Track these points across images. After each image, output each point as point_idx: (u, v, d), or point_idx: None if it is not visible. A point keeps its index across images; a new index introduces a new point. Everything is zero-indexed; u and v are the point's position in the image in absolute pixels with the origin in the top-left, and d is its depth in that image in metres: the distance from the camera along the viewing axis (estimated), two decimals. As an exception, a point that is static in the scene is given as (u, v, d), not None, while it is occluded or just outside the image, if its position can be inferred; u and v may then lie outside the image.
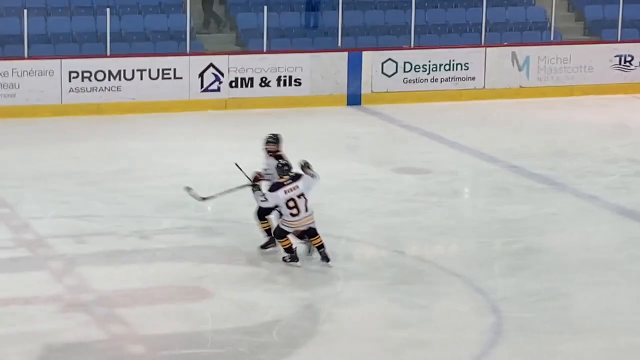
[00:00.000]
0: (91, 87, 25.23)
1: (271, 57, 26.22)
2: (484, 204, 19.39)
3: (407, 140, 23.67)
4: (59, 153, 21.84)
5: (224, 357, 12.00)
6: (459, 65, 26.98)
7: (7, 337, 12.13)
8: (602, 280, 14.68)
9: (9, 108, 24.73)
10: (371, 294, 14.17)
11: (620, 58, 27.76)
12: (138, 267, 15.25)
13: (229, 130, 23.00)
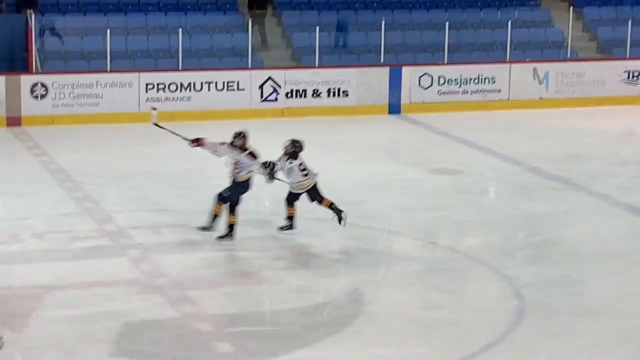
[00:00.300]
0: (165, 97, 25.38)
1: (322, 71, 26.27)
2: (508, 202, 19.28)
3: (441, 145, 23.57)
4: (137, 155, 22.12)
5: (280, 335, 12.13)
6: (487, 79, 26.91)
7: (92, 316, 12.47)
8: (613, 268, 14.66)
9: (94, 115, 24.98)
10: (409, 280, 14.42)
11: (629, 73, 27.73)
12: (206, 255, 15.43)
13: (286, 135, 23.05)
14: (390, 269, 14.92)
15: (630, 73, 27.79)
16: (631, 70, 27.83)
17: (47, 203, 17.97)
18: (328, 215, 16.23)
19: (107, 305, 12.89)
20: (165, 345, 11.71)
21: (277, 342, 11.84)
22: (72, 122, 24.32)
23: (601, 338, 11.77)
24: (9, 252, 15.39)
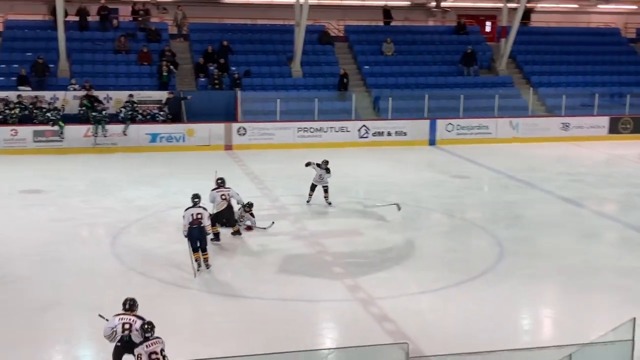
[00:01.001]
0: (307, 135, 26.39)
1: (393, 122, 27.20)
2: (494, 194, 19.91)
3: (457, 162, 23.96)
4: (296, 166, 20.90)
5: (368, 264, 13.18)
6: (484, 126, 27.85)
7: (264, 251, 13.89)
8: (553, 231, 15.50)
9: (268, 144, 25.69)
10: (438, 235, 15.67)
11: (564, 125, 28.56)
12: (336, 220, 16.52)
13: (371, 157, 24.28)
14: (428, 229, 16.15)
15: (564, 124, 28.53)
16: (565, 123, 28.55)
17: (244, 191, 17.02)
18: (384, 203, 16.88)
19: (275, 246, 14.12)
20: (306, 267, 12.98)
21: (366, 267, 13.07)
22: (258, 149, 24.87)
23: (546, 269, 12.86)
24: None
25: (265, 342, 9.27)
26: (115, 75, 27.64)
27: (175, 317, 10.60)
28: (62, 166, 22.03)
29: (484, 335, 9.61)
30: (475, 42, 32.70)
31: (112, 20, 29.83)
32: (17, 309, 10.83)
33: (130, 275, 12.47)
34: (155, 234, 15.07)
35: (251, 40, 30.78)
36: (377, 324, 10.21)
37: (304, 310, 10.81)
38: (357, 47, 31.50)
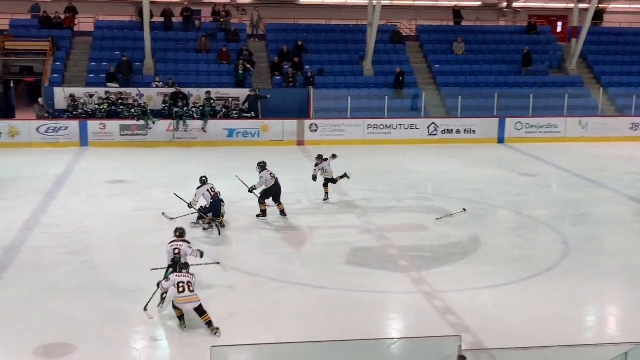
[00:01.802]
0: (375, 132, 26.33)
1: (462, 120, 27.00)
2: (562, 192, 19.53)
3: (525, 160, 23.66)
4: (365, 162, 22.22)
5: (433, 258, 13.13)
6: (553, 125, 27.45)
7: (332, 243, 13.77)
8: (620, 229, 15.26)
9: (338, 140, 25.41)
10: (504, 232, 15.47)
11: (633, 124, 28.09)
12: (402, 215, 16.39)
13: (441, 153, 24.29)
14: (494, 226, 15.83)
15: (634, 124, 28.02)
16: (635, 123, 28.03)
17: (314, 184, 17.67)
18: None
19: (343, 238, 14.10)
20: (372, 259, 12.95)
21: (430, 261, 12.99)
22: (328, 144, 23.73)
23: (610, 267, 12.56)
24: (297, 207, 16.65)
25: (330, 330, 9.26)
26: (196, 73, 28.19)
27: (246, 303, 10.79)
28: (145, 159, 22.59)
29: (545, 331, 9.49)
30: (546, 42, 32.46)
31: (195, 21, 30.58)
32: (102, 291, 11.18)
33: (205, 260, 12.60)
34: (229, 224, 15.22)
35: (325, 40, 31.02)
36: (440, 316, 10.11)
37: (369, 301, 10.75)
38: (427, 46, 31.42)
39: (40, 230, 14.33)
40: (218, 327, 9.47)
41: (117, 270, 12.30)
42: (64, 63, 27.87)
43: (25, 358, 8.58)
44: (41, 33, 28.42)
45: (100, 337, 9.33)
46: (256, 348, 6.53)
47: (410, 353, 6.70)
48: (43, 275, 11.75)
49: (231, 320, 10.04)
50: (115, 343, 9.37)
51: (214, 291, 11.25)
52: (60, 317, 9.94)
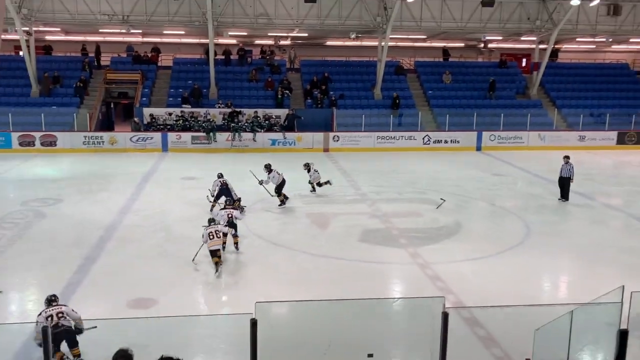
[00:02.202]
0: (389, 140, 26.21)
1: (449, 132, 26.63)
2: (524, 187, 18.57)
3: (497, 163, 23.03)
4: (375, 164, 22.12)
5: (427, 237, 12.79)
6: (519, 137, 26.87)
7: (349, 225, 13.54)
8: (573, 216, 15.00)
9: (353, 149, 25.34)
10: (481, 218, 15.28)
11: (581, 137, 27.57)
12: (403, 204, 16.02)
13: (433, 158, 23.53)
14: (473, 213, 15.61)
15: (581, 137, 27.45)
16: (581, 135, 27.48)
17: (336, 182, 17.77)
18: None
19: (357, 222, 13.84)
20: (379, 238, 12.78)
21: (424, 240, 12.77)
22: (347, 151, 24.67)
23: (562, 246, 12.29)
24: (323, 198, 16.40)
25: (347, 291, 9.24)
26: (248, 97, 28.21)
27: (282, 269, 10.84)
28: (210, 161, 22.54)
29: (512, 294, 9.42)
30: (513, 73, 32.16)
31: (247, 58, 30.81)
32: (175, 260, 11.25)
33: (254, 239, 12.66)
34: (271, 210, 15.29)
35: (345, 72, 30.88)
36: (431, 282, 10.05)
37: (376, 270, 10.71)
38: (423, 77, 31.23)
39: (132, 213, 14.51)
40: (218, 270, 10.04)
41: (188, 243, 12.32)
42: (150, 89, 28.23)
43: (121, 308, 8.70)
44: (134, 67, 28.87)
45: (176, 294, 9.45)
46: (292, 304, 6.52)
47: (407, 310, 6.62)
48: (134, 246, 11.89)
49: (273, 283, 10.10)
50: (187, 298, 9.47)
51: (259, 261, 11.29)
52: (147, 278, 10.10)
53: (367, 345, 4.76)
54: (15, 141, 24.09)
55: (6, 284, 9.76)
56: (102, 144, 24.55)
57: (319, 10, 26.84)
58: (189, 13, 26.27)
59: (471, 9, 27.73)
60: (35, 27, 26.46)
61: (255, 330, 4.34)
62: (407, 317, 6.07)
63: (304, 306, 5.75)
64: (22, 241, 12.19)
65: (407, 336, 5.77)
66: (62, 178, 19.00)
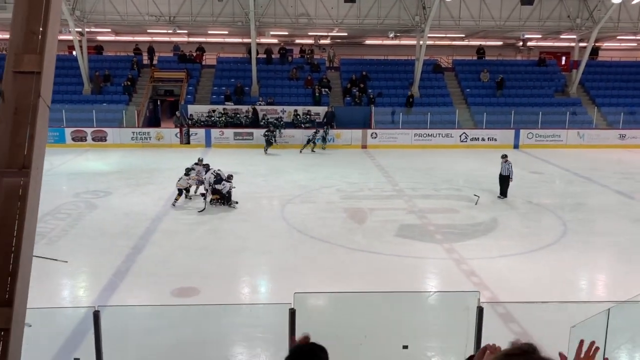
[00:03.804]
0: (423, 139, 26.37)
1: (486, 130, 26.27)
2: (562, 185, 18.51)
3: (534, 161, 22.52)
4: (411, 161, 21.97)
5: (463, 233, 12.63)
6: (557, 135, 26.30)
7: (386, 220, 13.52)
8: (610, 216, 14.36)
9: (393, 145, 25.16)
10: (518, 216, 14.70)
11: (621, 135, 26.92)
12: (439, 201, 15.80)
13: (469, 156, 23.39)
14: (510, 211, 15.08)
15: (621, 135, 26.74)
16: (621, 134, 26.78)
17: (373, 177, 18.37)
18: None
19: (394, 217, 13.90)
20: (415, 233, 12.70)
21: (459, 236, 12.69)
22: (385, 148, 24.51)
23: (600, 244, 12.18)
24: (360, 194, 16.40)
25: (383, 284, 9.24)
26: (288, 95, 28.39)
27: (320, 262, 10.89)
28: (251, 156, 22.83)
29: (548, 291, 9.22)
30: (552, 72, 31.35)
31: (288, 57, 30.87)
32: (220, 251, 11.47)
33: (292, 232, 12.80)
34: (310, 205, 15.35)
35: (383, 71, 30.69)
36: (466, 277, 9.92)
37: (412, 264, 10.66)
38: (461, 75, 30.78)
39: (176, 206, 14.69)
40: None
41: (230, 235, 12.62)
42: (195, 87, 28.65)
43: (165, 297, 8.89)
44: (179, 66, 29.41)
45: (218, 284, 9.70)
46: (329, 295, 6.53)
47: (442, 304, 6.50)
48: (178, 237, 12.16)
49: (311, 275, 10.17)
50: (228, 288, 9.59)
51: (298, 254, 11.36)
52: (190, 268, 10.28)
53: (402, 338, 4.74)
54: (69, 136, 24.84)
55: (59, 272, 10.07)
56: (149, 139, 25.07)
57: (358, 10, 26.77)
58: (232, 14, 26.54)
59: (510, 7, 27.23)
60: (88, 28, 27.21)
61: (294, 320, 4.38)
62: (442, 310, 6.04)
63: (341, 298, 5.75)
64: (74, 231, 12.56)
65: (441, 329, 5.72)
66: (111, 172, 19.54)
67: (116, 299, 8.75)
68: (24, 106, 2.20)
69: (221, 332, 6.22)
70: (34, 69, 2.21)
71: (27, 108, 2.19)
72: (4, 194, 2.08)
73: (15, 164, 2.09)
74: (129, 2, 26.09)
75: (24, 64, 2.21)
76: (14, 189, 2.08)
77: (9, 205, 2.07)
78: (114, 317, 6.16)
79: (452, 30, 28.37)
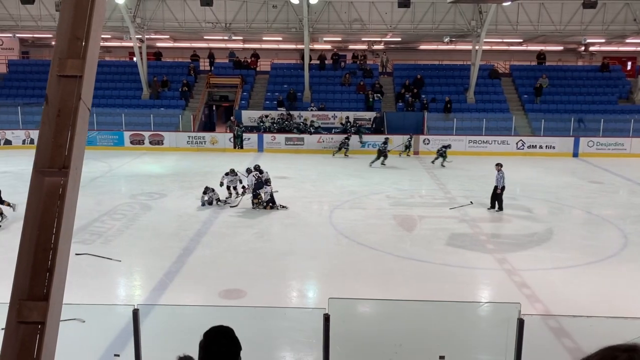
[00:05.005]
0: (478, 146, 26.33)
1: (544, 138, 25.65)
2: (624, 197, 17.82)
3: (594, 170, 21.98)
4: (465, 168, 21.45)
5: (514, 244, 12.30)
6: (620, 144, 25.50)
7: (436, 229, 13.12)
8: None
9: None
10: (573, 227, 14.32)
11: None
12: (485, 210, 15.02)
13: (526, 163, 22.85)
14: (566, 221, 14.77)
15: None
16: None
17: (426, 184, 18.24)
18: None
19: (444, 226, 13.61)
20: (466, 242, 12.37)
21: (512, 246, 12.31)
22: (434, 155, 23.18)
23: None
24: (411, 201, 16.31)
25: (429, 293, 9.11)
26: (340, 100, 28.55)
27: (367, 269, 10.82)
28: (301, 161, 23.07)
29: (604, 306, 8.83)
30: (616, 77, 30.17)
31: (341, 62, 30.99)
32: (267, 254, 11.57)
33: (340, 238, 12.77)
34: (359, 211, 15.28)
35: (437, 76, 30.38)
36: (517, 289, 9.62)
37: (461, 274, 10.43)
38: (518, 81, 30.09)
39: (226, 209, 15.00)
40: None
41: (278, 239, 12.76)
42: (249, 93, 29.20)
43: (213, 297, 9.03)
44: (234, 72, 30.13)
45: (263, 286, 9.75)
46: (367, 301, 6.45)
47: (483, 315, 6.31)
48: (227, 240, 12.44)
49: (357, 281, 10.11)
50: (274, 291, 9.65)
51: (345, 260, 11.33)
52: (238, 270, 10.48)
53: (440, 348, 4.64)
54: (127, 140, 25.78)
55: (114, 270, 10.43)
56: (204, 143, 25.68)
57: (412, 15, 26.65)
58: (287, 20, 26.89)
59: (571, 11, 26.44)
60: (147, 35, 28.12)
61: (328, 325, 4.36)
62: (483, 321, 5.86)
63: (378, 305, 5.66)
64: (129, 231, 12.98)
65: (482, 341, 5.56)
66: (166, 174, 20.13)
67: (165, 299, 8.94)
68: (67, 109, 2.28)
69: (263, 335, 6.26)
70: (77, 72, 2.29)
71: (70, 111, 2.27)
72: (45, 192, 2.17)
73: (56, 164, 2.17)
74: (187, 10, 26.85)
75: (68, 68, 2.30)
76: (55, 188, 2.17)
77: (50, 203, 2.16)
78: (159, 316, 6.29)
79: (509, 35, 27.85)
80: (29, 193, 2.15)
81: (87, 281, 9.66)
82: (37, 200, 2.17)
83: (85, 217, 13.64)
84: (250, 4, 26.59)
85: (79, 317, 5.51)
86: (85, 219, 13.51)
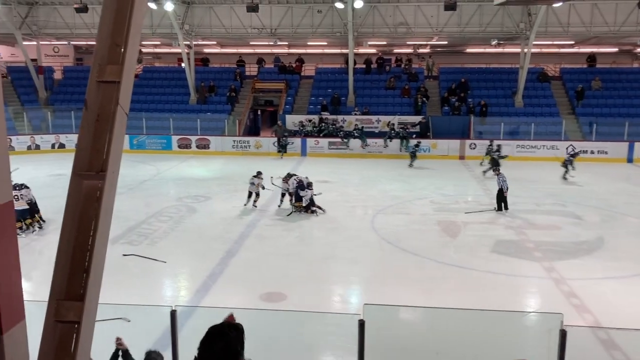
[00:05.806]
0: (526, 151, 25.46)
1: (596, 142, 24.95)
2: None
3: None
4: (511, 173, 21.82)
5: (564, 250, 12.03)
6: None
7: (481, 235, 12.76)
8: None
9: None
10: (626, 235, 13.44)
11: None
12: (541, 216, 14.71)
13: (577, 170, 21.33)
14: (619, 229, 13.91)
15: None
16: None
17: (469, 189, 17.88)
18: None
19: (490, 232, 13.29)
20: (512, 250, 12.00)
21: (561, 254, 11.90)
22: (485, 159, 22.40)
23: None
24: (455, 206, 15.83)
25: (472, 301, 8.90)
26: (384, 104, 28.41)
27: (408, 275, 10.71)
28: (344, 166, 23.05)
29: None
30: (675, 80, 28.64)
31: (386, 66, 30.92)
32: (308, 258, 11.64)
33: (382, 243, 12.69)
34: (402, 216, 15.15)
35: (485, 80, 29.89)
36: (565, 298, 9.35)
37: (507, 282, 10.20)
38: (569, 84, 29.17)
39: (270, 212, 15.08)
40: None
41: (318, 243, 12.80)
42: (293, 98, 29.40)
43: (254, 300, 9.09)
44: (279, 77, 30.46)
45: (304, 290, 9.84)
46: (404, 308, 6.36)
47: (525, 324, 6.11)
48: (269, 243, 12.63)
49: (399, 287, 10.03)
50: (315, 295, 9.66)
51: (388, 266, 11.25)
52: (279, 274, 10.64)
53: (477, 357, 4.52)
54: (175, 144, 26.42)
55: (159, 272, 10.67)
56: (249, 147, 26.07)
57: (459, 17, 26.28)
58: (332, 24, 26.99)
59: (626, 11, 25.48)
60: (195, 41, 28.72)
61: (363, 331, 4.32)
62: (526, 332, 5.69)
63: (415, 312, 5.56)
64: (174, 233, 13.26)
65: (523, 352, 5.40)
66: (212, 178, 20.49)
67: (208, 300, 9.07)
68: (105, 114, 2.34)
69: (300, 338, 6.24)
70: (115, 78, 2.34)
71: (108, 116, 2.32)
72: (84, 195, 2.22)
73: (94, 167, 2.22)
74: (233, 16, 27.31)
75: (107, 74, 2.35)
76: (93, 190, 2.22)
77: (88, 205, 2.22)
78: (201, 317, 6.38)
79: (560, 37, 27.11)
80: (68, 196, 2.21)
81: (133, 281, 9.92)
82: (75, 203, 2.23)
83: (133, 219, 14.01)
84: (295, 9, 26.81)
85: (125, 316, 5.63)
86: (134, 221, 13.87)
